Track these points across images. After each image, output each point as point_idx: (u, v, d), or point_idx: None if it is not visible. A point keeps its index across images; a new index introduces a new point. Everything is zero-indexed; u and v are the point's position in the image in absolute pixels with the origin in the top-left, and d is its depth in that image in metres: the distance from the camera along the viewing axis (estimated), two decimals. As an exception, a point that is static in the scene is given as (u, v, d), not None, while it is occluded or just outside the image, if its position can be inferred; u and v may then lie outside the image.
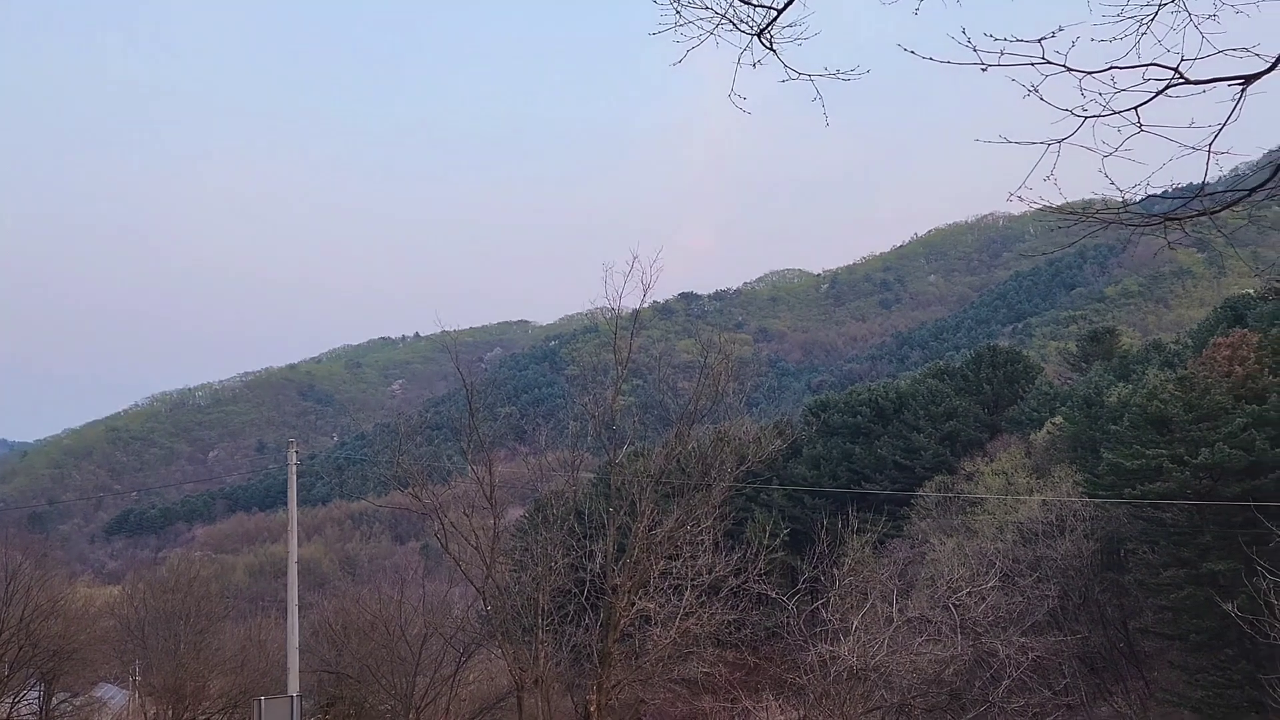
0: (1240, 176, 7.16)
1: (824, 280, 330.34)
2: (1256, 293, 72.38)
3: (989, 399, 77.37)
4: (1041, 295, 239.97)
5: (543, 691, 33.26)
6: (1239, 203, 6.46)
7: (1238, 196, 6.35)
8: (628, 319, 35.83)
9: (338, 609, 53.75)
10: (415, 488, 35.94)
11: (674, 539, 33.31)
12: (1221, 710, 39.54)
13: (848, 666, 31.43)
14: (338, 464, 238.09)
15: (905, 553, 55.45)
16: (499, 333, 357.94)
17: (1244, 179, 7.04)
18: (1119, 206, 6.20)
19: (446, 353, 54.93)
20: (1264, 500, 37.26)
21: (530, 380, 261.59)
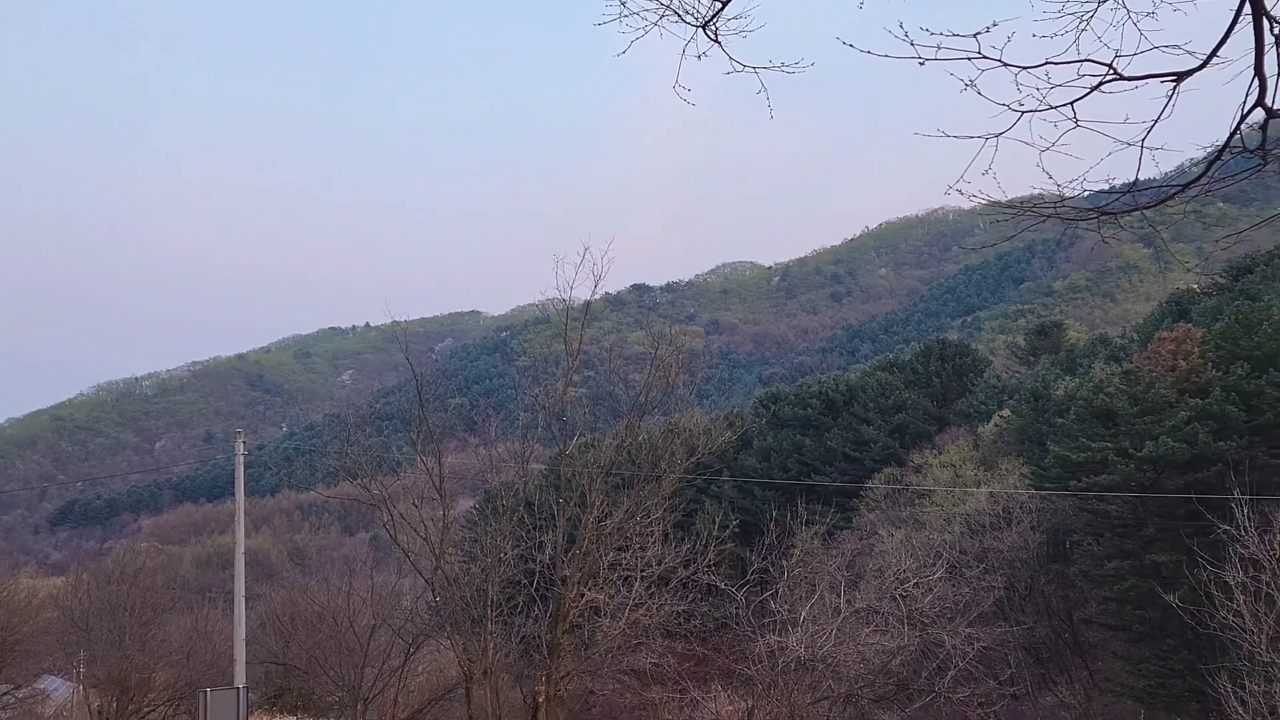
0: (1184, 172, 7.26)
1: (775, 273, 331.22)
2: (1200, 288, 73.42)
3: (938, 392, 77.99)
4: (990, 289, 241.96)
5: (492, 683, 33.22)
6: (1173, 198, 6.56)
7: (1171, 192, 6.45)
8: (579, 310, 35.84)
9: (285, 600, 53.42)
10: (364, 479, 35.78)
11: (624, 530, 33.36)
12: (1163, 699, 40.07)
13: (795, 657, 31.61)
14: (287, 454, 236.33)
15: (854, 544, 55.80)
16: (450, 323, 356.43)
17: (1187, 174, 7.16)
18: (1057, 201, 6.29)
19: (397, 343, 54.77)
20: (1206, 493, 37.77)
21: (481, 371, 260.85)
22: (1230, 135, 6.06)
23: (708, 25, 6.81)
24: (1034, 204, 6.40)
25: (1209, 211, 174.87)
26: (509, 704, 35.91)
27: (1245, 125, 6.02)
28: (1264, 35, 5.79)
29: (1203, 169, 6.22)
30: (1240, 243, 57.98)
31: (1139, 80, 5.92)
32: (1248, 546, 26.23)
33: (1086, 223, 6.50)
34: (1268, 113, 6.07)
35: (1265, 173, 6.37)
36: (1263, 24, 5.75)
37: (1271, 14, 5.71)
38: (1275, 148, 6.25)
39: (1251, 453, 40.78)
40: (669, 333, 46.60)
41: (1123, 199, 6.40)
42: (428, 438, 35.97)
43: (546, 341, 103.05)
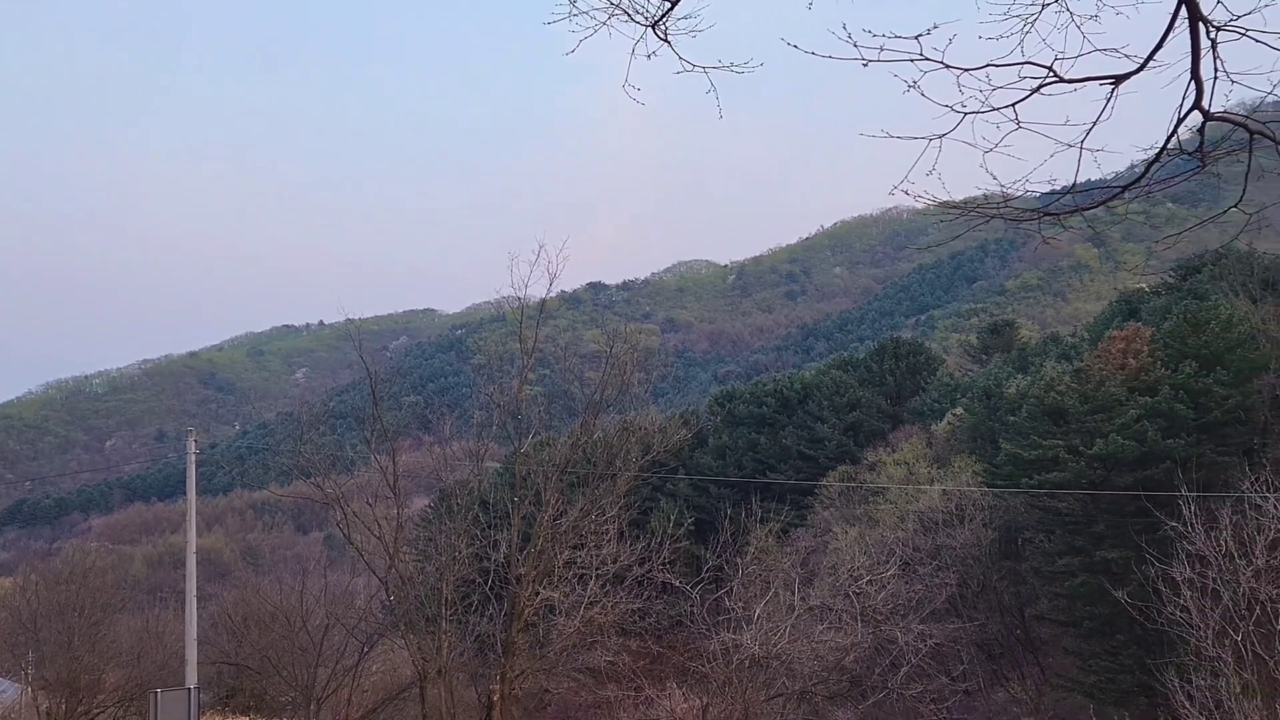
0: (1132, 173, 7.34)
1: (731, 271, 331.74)
2: (1150, 288, 74.22)
3: (892, 390, 78.45)
4: (944, 288, 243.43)
5: (446, 682, 33.14)
6: (1113, 199, 6.66)
7: (1111, 193, 6.55)
8: (534, 308, 35.85)
9: (238, 600, 53.04)
10: (318, 477, 35.62)
11: (579, 528, 33.37)
12: (1113, 694, 40.50)
13: (750, 654, 31.72)
14: (239, 453, 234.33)
15: (808, 542, 56.05)
16: (405, 321, 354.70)
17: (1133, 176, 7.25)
18: (1001, 201, 6.38)
19: (351, 341, 54.62)
20: (1154, 489, 38.19)
21: (436, 369, 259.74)
22: (1168, 138, 6.17)
23: (657, 25, 6.85)
24: (978, 204, 6.48)
25: (1158, 212, 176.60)
26: (463, 703, 35.83)
27: (1187, 128, 6.15)
28: (1200, 39, 5.89)
29: (1142, 171, 6.31)
30: (1189, 243, 58.58)
31: (1078, 83, 6.00)
32: (1194, 543, 26.52)
33: (1025, 222, 6.58)
34: (1204, 115, 6.16)
35: (1204, 174, 6.48)
36: (1199, 28, 5.85)
37: (1207, 18, 5.82)
38: (1213, 150, 6.36)
39: (1199, 450, 41.29)
40: (624, 331, 46.68)
41: (1063, 200, 6.48)
42: (381, 436, 35.83)
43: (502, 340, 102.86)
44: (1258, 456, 40.94)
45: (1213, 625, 24.43)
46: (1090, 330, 75.99)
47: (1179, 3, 5.73)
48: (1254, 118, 6.28)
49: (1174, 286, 67.63)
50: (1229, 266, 59.84)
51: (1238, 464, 38.66)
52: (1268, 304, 51.42)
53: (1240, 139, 6.35)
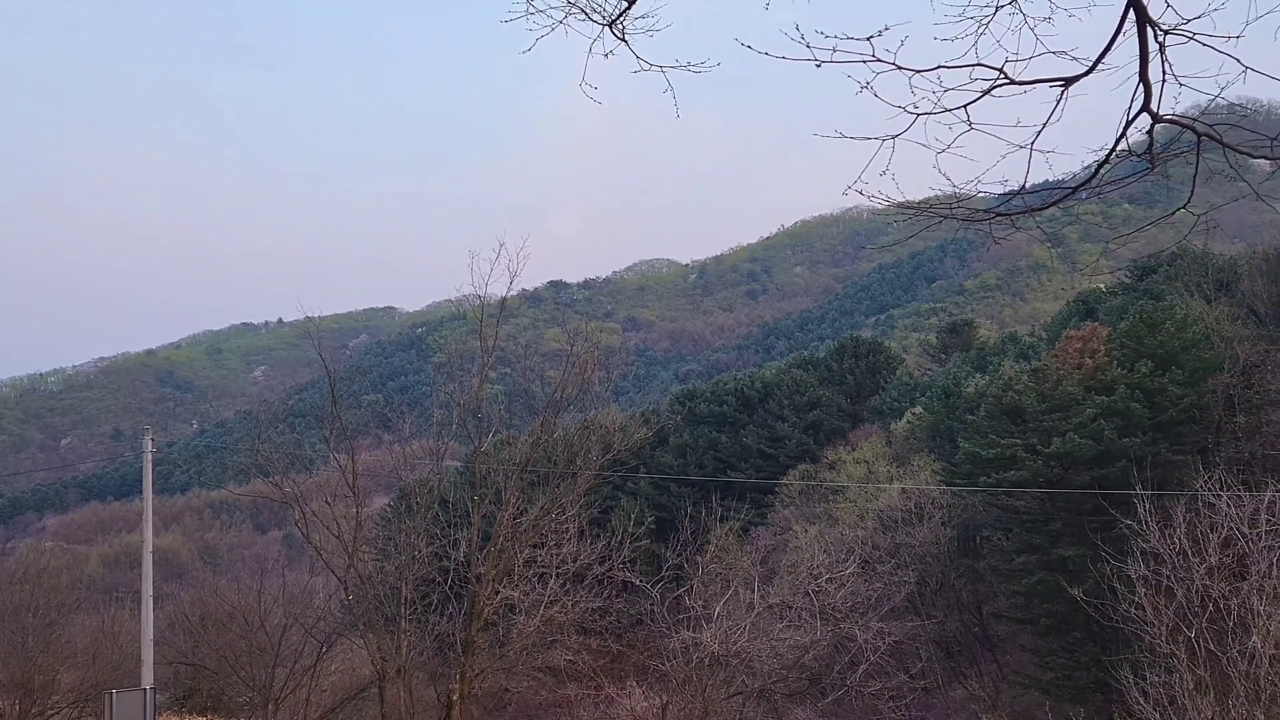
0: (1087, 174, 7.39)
1: (692, 270, 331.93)
2: (1106, 288, 74.89)
3: (851, 389, 78.79)
4: (904, 287, 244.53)
5: (405, 681, 33.08)
6: (1064, 200, 6.73)
7: (1063, 194, 6.62)
8: (494, 307, 35.79)
9: (195, 600, 52.62)
10: (276, 476, 35.48)
11: (539, 527, 33.38)
12: (1069, 691, 40.85)
13: (710, 653, 31.81)
14: (197, 452, 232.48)
15: (768, 540, 56.24)
16: (365, 319, 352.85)
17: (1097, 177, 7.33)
18: (953, 201, 6.44)
19: (310, 339, 54.40)
20: (1110, 488, 38.53)
21: (396, 368, 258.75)
22: (1116, 140, 6.25)
23: (614, 24, 6.86)
24: (931, 204, 6.54)
25: (1115, 213, 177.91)
26: (423, 702, 35.73)
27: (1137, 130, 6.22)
28: (1148, 42, 5.96)
29: (1092, 172, 6.38)
30: (1145, 243, 59.09)
31: (1029, 85, 6.06)
32: (1149, 541, 26.79)
33: (985, 223, 6.65)
34: (1153, 118, 6.24)
35: (1155, 175, 6.56)
36: (1147, 31, 5.92)
37: (1156, 22, 5.89)
38: (1162, 152, 6.44)
39: (1154, 449, 41.72)
40: (585, 330, 46.73)
41: (1015, 201, 6.54)
42: (341, 435, 35.74)
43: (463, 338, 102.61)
44: (1211, 455, 41.38)
45: (1166, 622, 24.69)
46: (1048, 330, 76.58)
47: (1127, 6, 5.80)
48: (1202, 120, 6.37)
49: (1130, 287, 68.24)
50: (1184, 267, 60.45)
51: (1192, 463, 39.07)
52: (1222, 304, 51.99)
53: (1189, 141, 6.43)
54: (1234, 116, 6.56)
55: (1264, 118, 9.49)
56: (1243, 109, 6.75)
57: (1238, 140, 6.41)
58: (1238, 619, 23.82)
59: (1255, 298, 52.68)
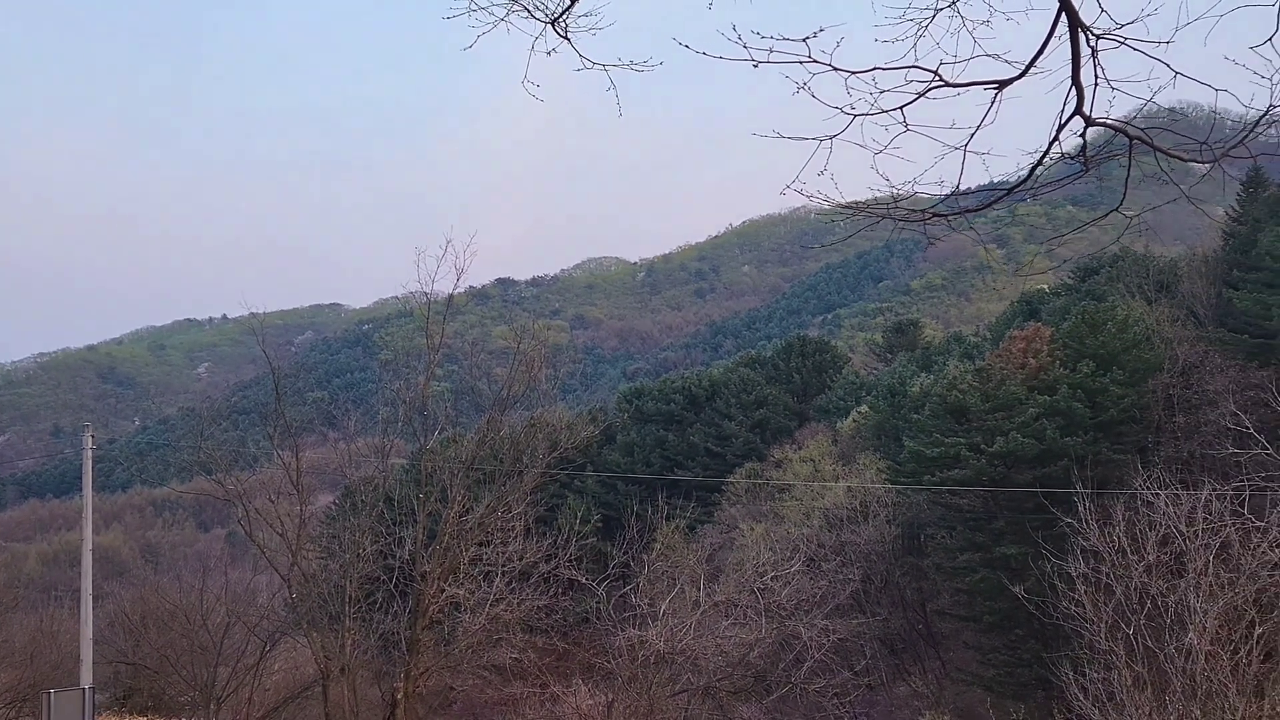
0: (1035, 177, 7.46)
1: (641, 269, 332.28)
2: (1050, 288, 75.68)
3: (798, 388, 79.17)
4: (850, 287, 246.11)
5: (349, 680, 32.87)
6: (999, 202, 6.81)
7: (997, 196, 6.70)
8: (441, 304, 35.65)
9: (136, 598, 52.08)
10: (220, 474, 35.19)
11: (485, 525, 33.27)
12: (1011, 688, 41.23)
13: (655, 651, 31.82)
14: (139, 449, 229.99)
15: (715, 538, 56.38)
16: (310, 316, 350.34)
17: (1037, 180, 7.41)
18: (890, 202, 6.50)
19: (255, 336, 54.03)
20: (1052, 487, 38.94)
21: (342, 365, 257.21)
22: (1050, 143, 6.33)
23: (557, 22, 6.87)
24: (868, 205, 6.60)
25: (1058, 214, 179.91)
26: (367, 701, 35.55)
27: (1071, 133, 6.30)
28: (1080, 47, 6.05)
29: (1025, 174, 6.47)
30: (1088, 244, 59.81)
31: (963, 87, 6.13)
32: (1089, 539, 27.11)
33: (923, 224, 6.71)
34: (1086, 121, 6.32)
35: (1089, 177, 6.65)
36: (1078, 36, 6.00)
37: (1088, 26, 5.97)
38: (1095, 155, 6.53)
39: (1095, 448, 42.22)
40: (533, 328, 46.58)
41: (949, 201, 6.61)
42: (285, 432, 35.46)
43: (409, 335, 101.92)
44: (1151, 454, 41.97)
45: (1106, 619, 24.98)
46: (992, 330, 77.32)
47: (1059, 10, 5.87)
48: (1133, 124, 6.46)
49: (1073, 287, 69.05)
50: (1125, 269, 61.26)
51: (1131, 462, 39.56)
52: (1162, 305, 52.73)
53: (1122, 144, 6.51)
54: (1167, 121, 6.66)
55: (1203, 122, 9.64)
56: (1179, 114, 6.85)
57: (1169, 144, 6.51)
58: (1175, 616, 24.14)
59: (1195, 299, 53.46)
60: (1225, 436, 39.55)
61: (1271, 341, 43.38)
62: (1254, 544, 26.02)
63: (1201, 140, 6.41)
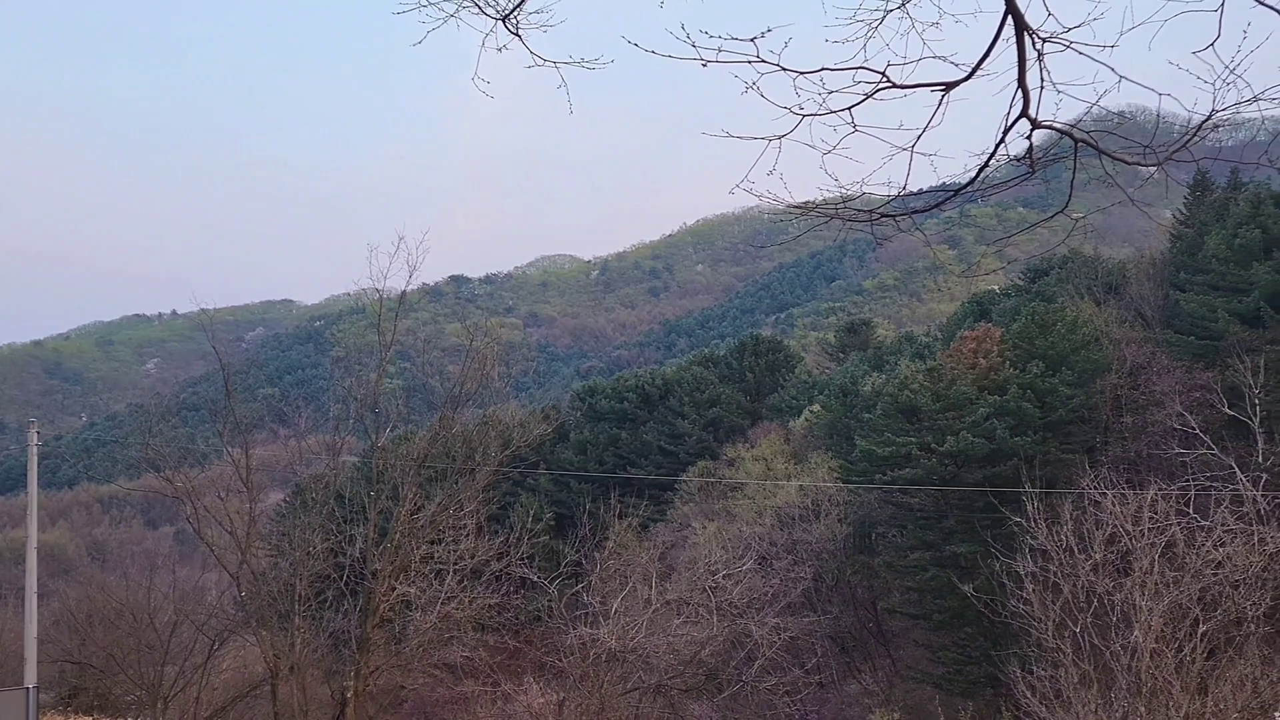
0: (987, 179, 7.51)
1: (594, 267, 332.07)
2: (1000, 289, 76.33)
3: (751, 387, 79.39)
4: (804, 287, 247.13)
5: (299, 679, 32.66)
6: (946, 203, 6.86)
7: (943, 197, 6.76)
8: (393, 300, 35.51)
9: (82, 596, 51.46)
10: (168, 471, 34.85)
11: (437, 523, 33.17)
12: (961, 685, 41.58)
13: (607, 649, 31.81)
14: (86, 445, 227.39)
15: (667, 536, 56.42)
16: (261, 312, 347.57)
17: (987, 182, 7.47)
18: (839, 203, 6.54)
19: (205, 331, 53.53)
20: (1002, 486, 39.31)
21: (294, 361, 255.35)
22: (996, 144, 6.40)
23: (508, 18, 6.86)
24: (816, 205, 6.64)
25: (1010, 216, 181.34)
26: (317, 700, 35.31)
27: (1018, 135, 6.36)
28: (1025, 49, 6.10)
29: (973, 175, 6.53)
30: (1039, 245, 60.31)
31: (910, 88, 6.18)
32: (1037, 538, 27.38)
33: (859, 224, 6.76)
34: (1032, 123, 6.39)
35: (1035, 179, 6.71)
36: (1024, 39, 6.06)
37: (1034, 30, 6.03)
38: (1041, 157, 6.59)
39: (1044, 448, 42.64)
40: (486, 325, 46.53)
41: (896, 202, 6.66)
42: (235, 429, 35.18)
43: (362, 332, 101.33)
44: (1099, 454, 42.44)
45: (1053, 617, 25.25)
46: (943, 330, 77.86)
47: (1005, 13, 5.93)
48: (1080, 127, 6.53)
49: (1023, 289, 69.71)
50: (1075, 270, 61.89)
51: (1080, 461, 40.00)
52: (1111, 307, 53.33)
53: (1067, 146, 6.58)
54: (1112, 124, 6.73)
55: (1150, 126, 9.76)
56: (1126, 117, 6.92)
57: (1115, 147, 6.58)
58: (1121, 614, 24.45)
59: (1142, 301, 54.09)
60: (1171, 437, 40.13)
61: (1217, 343, 43.95)
62: (1198, 543, 26.41)
63: (1145, 144, 6.50)
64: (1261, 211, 45.59)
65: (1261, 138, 7.58)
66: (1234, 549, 26.31)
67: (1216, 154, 7.18)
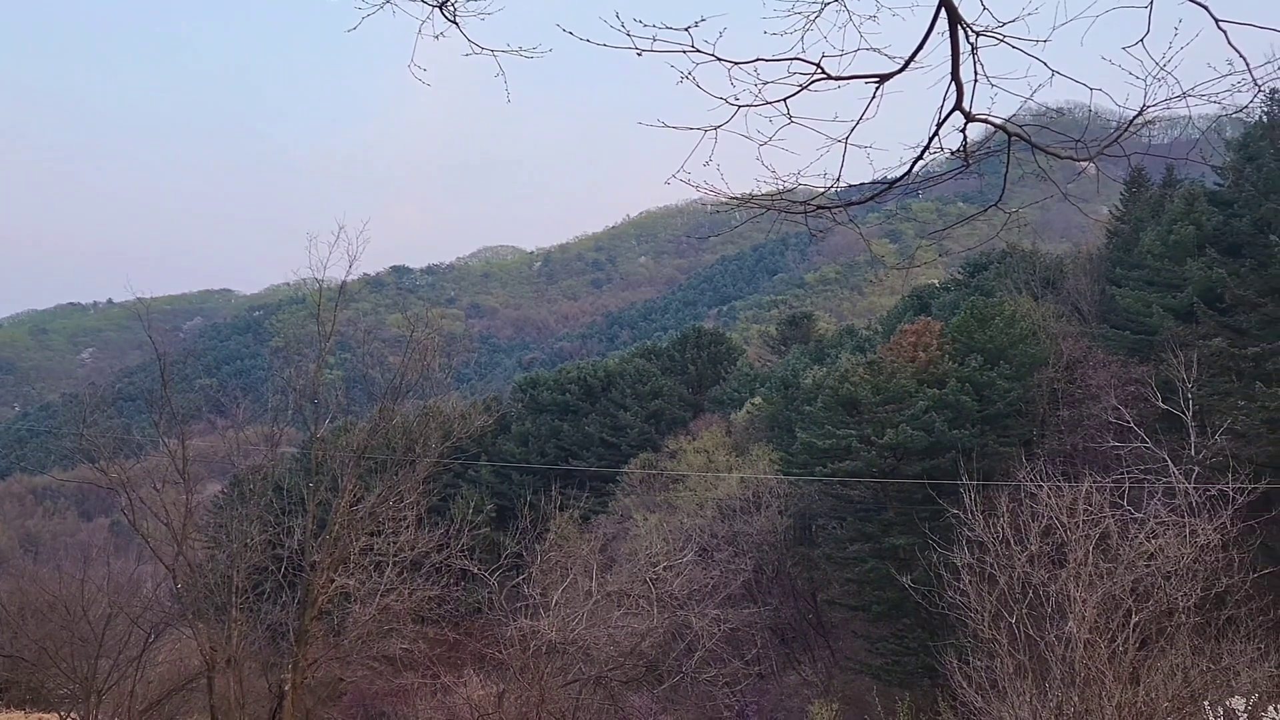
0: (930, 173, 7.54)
1: (537, 258, 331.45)
2: (940, 283, 76.95)
3: (693, 379, 79.58)
4: (746, 280, 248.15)
5: (236, 672, 32.35)
6: (880, 196, 6.89)
7: (878, 190, 6.79)
8: (333, 290, 35.20)
9: (14, 589, 50.65)
10: (103, 461, 34.38)
11: (376, 515, 32.97)
12: (898, 676, 41.94)
13: (547, 641, 31.79)
14: (19, 436, 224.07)
15: (609, 528, 56.52)
16: (200, 301, 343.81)
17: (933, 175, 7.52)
18: (775, 195, 6.55)
19: (141, 321, 52.72)
20: (940, 478, 39.65)
21: (232, 352, 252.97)
22: (930, 137, 6.42)
23: (445, 5, 6.81)
24: (752, 197, 6.65)
25: (950, 210, 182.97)
26: (254, 693, 35.01)
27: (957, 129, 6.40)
28: (959, 42, 6.14)
29: (908, 168, 6.57)
30: (978, 240, 60.89)
31: (844, 80, 6.20)
32: (974, 530, 27.63)
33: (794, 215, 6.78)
34: (966, 117, 6.43)
35: (970, 173, 6.76)
36: (958, 32, 6.10)
37: (968, 23, 6.06)
38: (976, 150, 6.65)
39: (982, 441, 43.07)
40: (428, 316, 46.27)
41: (829, 194, 6.68)
42: (171, 419, 34.79)
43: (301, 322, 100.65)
44: (1035, 447, 42.90)
45: (989, 608, 25.50)
46: (884, 324, 78.32)
47: (939, 6, 5.96)
48: (1016, 121, 6.59)
49: (962, 283, 70.24)
50: (1013, 265, 62.52)
51: (1016, 454, 40.38)
52: (1048, 301, 53.91)
53: (1003, 140, 6.63)
54: (1049, 119, 6.78)
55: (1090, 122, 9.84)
56: (1064, 113, 6.98)
57: (1048, 141, 6.64)
58: (1055, 605, 24.73)
59: (1079, 295, 54.73)
60: (1107, 430, 40.63)
61: (1152, 338, 44.54)
62: (1132, 535, 26.78)
63: (1078, 138, 6.56)
64: (1195, 208, 46.25)
65: (1194, 135, 7.68)
66: (1166, 541, 26.68)
67: (1147, 149, 7.28)
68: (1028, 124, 6.68)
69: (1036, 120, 6.88)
